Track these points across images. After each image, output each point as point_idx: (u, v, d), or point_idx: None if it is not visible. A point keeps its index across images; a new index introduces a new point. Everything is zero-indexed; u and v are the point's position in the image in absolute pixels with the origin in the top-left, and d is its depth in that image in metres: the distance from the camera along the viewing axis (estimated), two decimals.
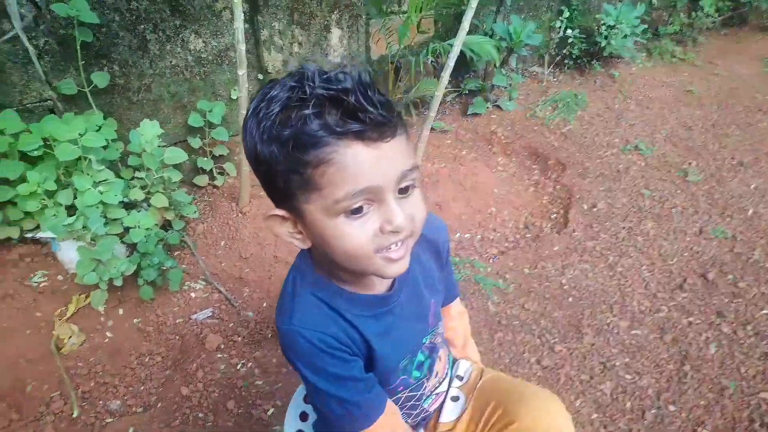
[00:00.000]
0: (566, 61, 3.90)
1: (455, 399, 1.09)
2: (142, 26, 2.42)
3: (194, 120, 2.60)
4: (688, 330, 2.05)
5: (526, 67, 3.98)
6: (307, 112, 0.64)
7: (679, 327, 2.06)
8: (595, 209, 2.65)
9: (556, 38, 3.79)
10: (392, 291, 0.89)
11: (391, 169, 0.69)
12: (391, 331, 0.89)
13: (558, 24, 3.75)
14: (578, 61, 3.90)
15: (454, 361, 1.17)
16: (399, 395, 1.00)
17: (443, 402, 1.09)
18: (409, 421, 1.03)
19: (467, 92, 3.57)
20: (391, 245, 0.73)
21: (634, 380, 1.88)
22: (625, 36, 3.70)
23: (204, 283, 2.26)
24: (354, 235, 0.71)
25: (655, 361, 1.95)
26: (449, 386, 1.11)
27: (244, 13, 2.60)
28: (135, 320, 2.10)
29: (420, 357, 0.99)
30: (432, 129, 3.28)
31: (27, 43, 2.14)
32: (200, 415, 1.79)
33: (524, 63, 3.98)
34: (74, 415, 1.79)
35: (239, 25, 2.08)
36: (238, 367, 1.94)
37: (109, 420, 1.78)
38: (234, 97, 2.73)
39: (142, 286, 2.06)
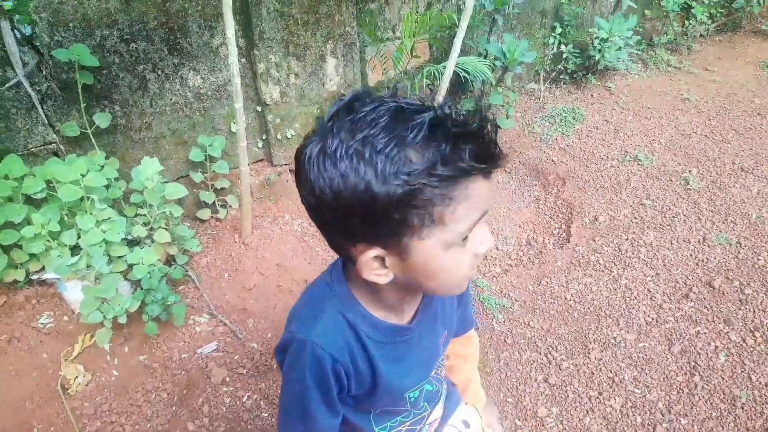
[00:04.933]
0: (562, 77, 3.93)
1: None
2: (142, 66, 2.48)
3: (195, 155, 2.64)
4: (696, 340, 2.03)
5: (522, 84, 4.01)
6: (445, 147, 0.62)
7: (686, 337, 2.04)
8: (597, 222, 2.65)
9: (550, 54, 3.82)
10: (413, 323, 0.89)
11: (488, 203, 0.70)
12: (402, 359, 0.89)
13: (551, 40, 3.78)
14: (574, 76, 3.93)
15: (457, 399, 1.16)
16: (401, 426, 1.00)
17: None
18: None
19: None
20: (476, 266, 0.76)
21: (643, 394, 1.86)
22: (619, 48, 3.72)
23: (208, 316, 2.27)
24: (463, 263, 0.73)
25: (664, 373, 1.92)
26: (446, 421, 1.10)
27: (240, 48, 2.66)
28: (141, 357, 2.11)
29: (428, 387, 0.98)
30: None
31: (30, 89, 2.20)
32: None
33: (520, 80, 4.01)
34: None
35: (234, 59, 2.12)
36: (244, 399, 1.94)
37: None
38: (233, 130, 2.77)
39: (147, 323, 2.08)
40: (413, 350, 0.90)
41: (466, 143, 0.63)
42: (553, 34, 3.80)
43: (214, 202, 2.72)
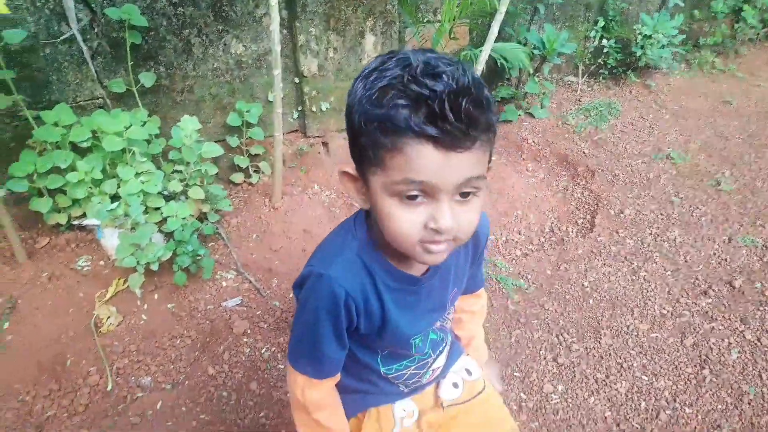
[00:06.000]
0: (601, 71, 3.90)
1: (455, 386, 1.14)
2: (187, 31, 2.57)
3: (233, 119, 2.74)
4: (710, 335, 2.04)
5: (561, 76, 3.99)
6: (399, 102, 0.67)
7: (700, 332, 2.05)
8: (622, 215, 2.65)
9: (590, 47, 3.80)
10: (426, 275, 0.95)
11: (454, 175, 0.71)
12: (411, 308, 0.95)
13: (593, 33, 3.76)
14: (614, 71, 3.90)
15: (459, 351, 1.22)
16: (405, 370, 1.06)
17: (441, 378, 1.15)
18: (405, 390, 1.10)
19: (500, 99, 3.61)
20: (434, 241, 0.77)
21: (650, 381, 1.88)
22: (663, 46, 3.68)
23: (235, 273, 2.37)
24: (402, 220, 0.75)
25: (674, 363, 1.94)
26: (449, 369, 1.16)
27: (282, 19, 2.73)
28: (169, 305, 2.22)
29: (433, 336, 1.04)
30: None
31: (82, 44, 2.31)
32: (224, 393, 1.89)
33: (559, 72, 4.00)
34: (108, 389, 1.92)
35: (275, 27, 2.19)
36: (263, 351, 2.03)
37: (140, 394, 1.90)
38: (270, 99, 2.85)
39: (177, 272, 2.18)
40: (422, 301, 0.96)
41: (420, 106, 0.67)
42: (595, 28, 3.77)
43: (247, 167, 2.82)
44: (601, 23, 3.76)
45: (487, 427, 1.14)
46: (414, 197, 0.73)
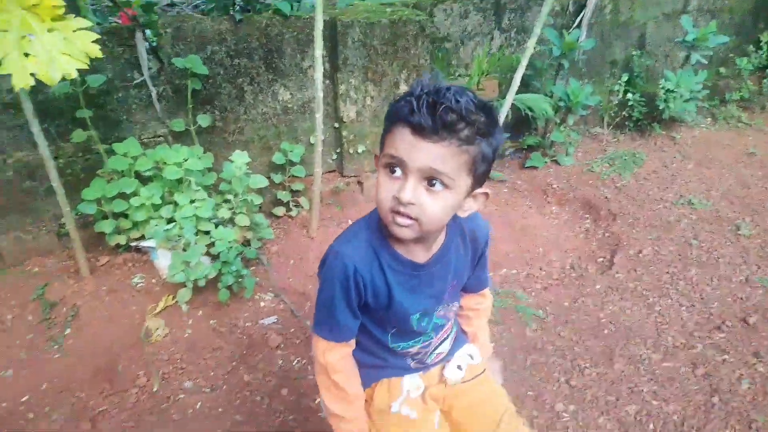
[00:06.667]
0: (627, 123, 4.07)
1: (460, 368, 1.30)
2: (241, 79, 2.90)
3: (277, 158, 3.02)
4: (721, 366, 2.10)
5: (587, 128, 4.18)
6: (403, 103, 0.93)
7: (712, 363, 2.12)
8: (640, 255, 2.76)
9: (615, 100, 3.99)
10: (427, 263, 1.14)
11: (420, 159, 0.93)
12: (413, 290, 1.14)
13: (617, 87, 3.96)
14: (639, 124, 4.07)
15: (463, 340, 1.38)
16: (411, 348, 1.23)
17: (446, 362, 1.31)
18: (413, 364, 1.27)
19: (526, 147, 3.81)
20: (400, 213, 0.97)
21: (660, 406, 1.96)
22: (687, 100, 3.84)
23: (273, 294, 2.58)
24: (382, 187, 0.99)
25: (684, 390, 2.02)
26: (453, 354, 1.32)
27: (325, 70, 3.04)
28: (211, 321, 2.43)
29: (436, 320, 1.22)
30: (490, 178, 3.54)
31: (152, 88, 2.65)
32: (258, 398, 2.06)
33: (586, 124, 4.19)
34: (154, 390, 2.11)
35: (318, 76, 2.48)
36: (294, 363, 2.20)
37: (182, 396, 2.09)
38: (312, 141, 3.13)
39: (221, 290, 2.40)
40: (423, 286, 1.15)
41: (411, 104, 0.91)
42: (619, 82, 3.97)
43: (288, 202, 3.07)
44: (625, 78, 3.97)
45: (484, 405, 1.28)
46: (393, 170, 0.96)
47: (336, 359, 1.15)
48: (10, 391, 2.07)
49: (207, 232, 2.50)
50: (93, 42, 1.83)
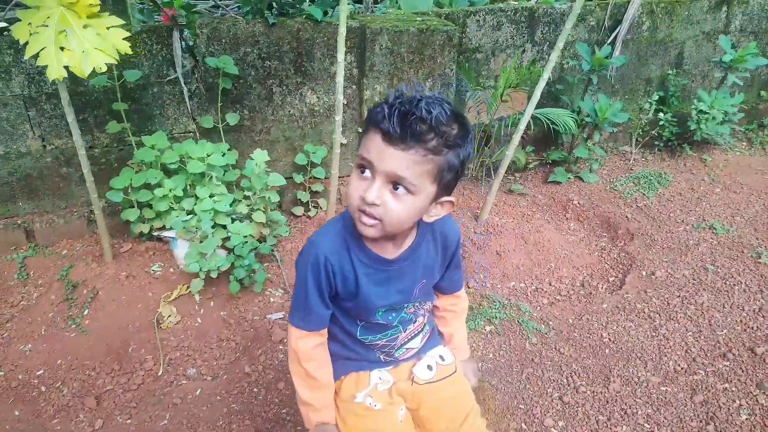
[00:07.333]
0: (656, 143, 4.01)
1: (429, 368, 1.34)
2: (271, 81, 3.00)
3: (300, 159, 3.11)
4: (721, 395, 2.07)
5: (616, 145, 4.13)
6: (378, 109, 0.99)
7: (712, 391, 2.09)
8: (653, 276, 2.73)
9: (644, 119, 3.93)
10: (396, 260, 1.20)
11: (386, 164, 0.99)
12: (381, 284, 1.21)
13: (647, 105, 3.90)
14: (669, 144, 3.99)
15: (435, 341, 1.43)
16: (379, 341, 1.29)
17: (416, 360, 1.36)
18: (382, 357, 1.33)
19: (550, 162, 3.80)
20: (365, 212, 1.03)
21: (652, 429, 1.95)
22: (720, 122, 3.75)
23: (282, 291, 2.66)
24: (352, 186, 1.06)
25: (679, 416, 2.00)
26: (425, 353, 1.37)
27: (353, 76, 3.12)
28: (222, 312, 2.53)
29: (404, 315, 1.27)
30: (510, 191, 3.55)
31: (183, 86, 2.78)
32: (255, 389, 2.15)
33: (615, 141, 4.15)
34: (159, 374, 2.22)
35: (340, 79, 2.55)
36: None
37: (184, 382, 2.20)
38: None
39: (232, 282, 2.50)
40: (392, 280, 1.21)
41: (382, 112, 0.98)
42: (649, 100, 3.91)
43: (308, 202, 3.16)
44: (656, 96, 3.90)
45: (451, 403, 1.32)
46: (363, 170, 1.03)
47: (308, 347, 1.22)
48: (27, 364, 2.22)
49: (224, 226, 2.60)
50: (124, 39, 1.94)
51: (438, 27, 3.12)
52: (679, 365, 2.22)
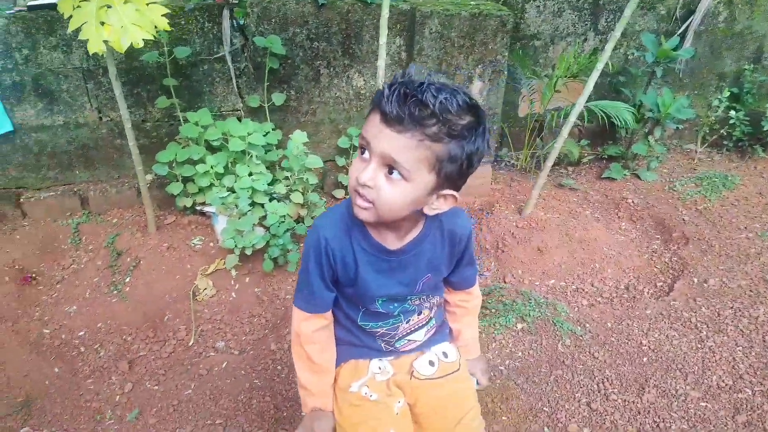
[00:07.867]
0: (725, 142, 3.74)
1: (431, 364, 1.30)
2: (318, 62, 3.00)
3: (342, 142, 3.10)
4: (767, 417, 1.91)
5: (680, 143, 3.90)
6: (390, 88, 0.94)
7: (758, 412, 1.94)
8: (705, 284, 2.56)
9: (712, 116, 3.67)
10: (398, 251, 1.16)
11: (381, 146, 0.95)
12: (381, 273, 1.17)
13: (716, 102, 3.64)
14: (739, 144, 3.72)
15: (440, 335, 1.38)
16: (379, 329, 1.26)
17: (419, 354, 1.32)
18: (382, 346, 1.30)
19: (606, 157, 3.62)
20: (360, 193, 1.00)
21: None
22: None
23: None
24: (353, 167, 1.03)
25: None
26: (429, 348, 1.33)
27: (401, 60, 3.07)
28: (256, 289, 2.57)
29: (407, 306, 1.23)
30: (561, 186, 3.42)
31: (230, 64, 2.82)
32: (279, 367, 2.17)
33: (679, 139, 3.91)
34: (190, 344, 2.28)
35: (381, 63, 2.51)
36: None
37: (212, 354, 2.25)
38: None
39: (266, 260, 2.53)
40: (394, 271, 1.17)
41: (383, 93, 0.94)
42: (719, 97, 3.65)
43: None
44: (727, 92, 3.64)
45: (449, 401, 1.28)
46: (363, 150, 1.00)
47: (311, 330, 1.21)
48: (70, 325, 2.33)
49: (262, 205, 2.63)
50: (162, 15, 1.97)
51: (491, 12, 3.01)
52: (723, 381, 2.07)
